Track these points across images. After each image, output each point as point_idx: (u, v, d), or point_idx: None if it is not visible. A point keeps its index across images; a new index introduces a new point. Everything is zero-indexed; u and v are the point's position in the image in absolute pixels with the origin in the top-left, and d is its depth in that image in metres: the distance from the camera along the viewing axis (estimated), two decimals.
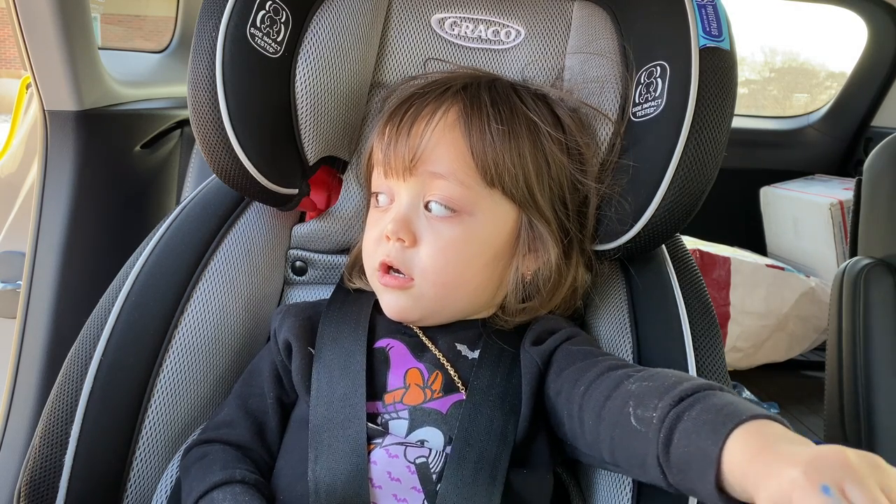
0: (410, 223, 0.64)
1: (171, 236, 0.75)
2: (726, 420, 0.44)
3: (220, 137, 0.69)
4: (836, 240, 1.93)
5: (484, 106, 0.66)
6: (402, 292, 0.65)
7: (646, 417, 0.49)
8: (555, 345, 0.65)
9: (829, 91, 2.63)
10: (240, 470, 0.61)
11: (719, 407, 0.46)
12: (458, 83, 0.69)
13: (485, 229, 0.65)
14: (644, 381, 0.53)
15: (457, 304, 0.67)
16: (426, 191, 0.65)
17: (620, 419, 0.52)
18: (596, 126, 0.74)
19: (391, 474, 0.58)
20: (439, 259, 0.64)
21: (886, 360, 1.14)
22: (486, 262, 0.66)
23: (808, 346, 1.97)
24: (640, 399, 0.51)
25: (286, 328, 0.68)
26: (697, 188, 0.68)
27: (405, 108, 0.67)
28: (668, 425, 0.47)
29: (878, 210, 1.25)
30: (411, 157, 0.64)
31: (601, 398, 0.55)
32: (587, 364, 0.60)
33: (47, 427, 0.64)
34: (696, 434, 0.45)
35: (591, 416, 0.56)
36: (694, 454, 0.45)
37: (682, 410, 0.47)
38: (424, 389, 0.64)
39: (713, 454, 0.43)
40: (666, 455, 0.47)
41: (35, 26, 1.00)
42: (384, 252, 0.65)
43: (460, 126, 0.65)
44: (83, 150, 1.11)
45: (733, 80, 0.70)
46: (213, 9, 0.70)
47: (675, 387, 0.49)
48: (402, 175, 0.65)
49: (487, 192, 0.65)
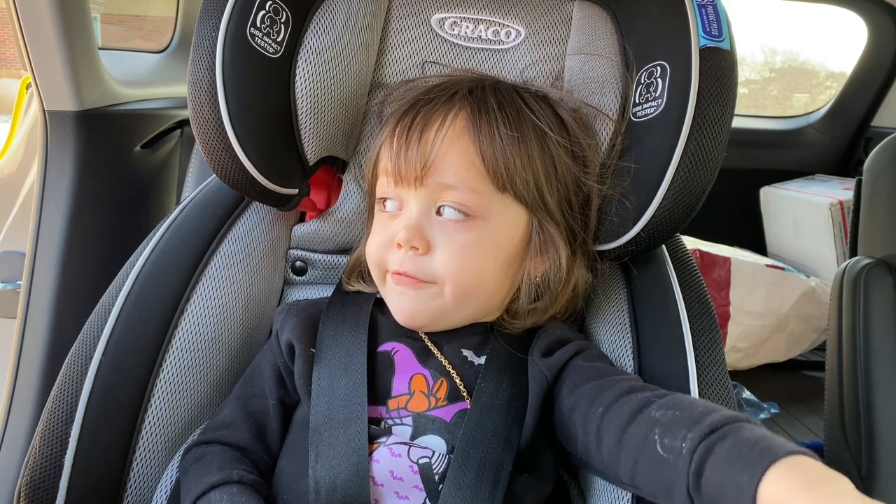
0: (423, 230, 0.63)
1: (171, 236, 0.75)
2: (763, 454, 0.44)
3: (220, 137, 0.69)
4: (836, 240, 1.93)
5: (492, 110, 0.65)
6: (416, 292, 0.64)
7: (674, 447, 0.49)
8: (565, 358, 0.64)
9: (829, 91, 2.63)
10: (237, 470, 0.61)
11: (753, 441, 0.46)
12: (463, 87, 0.68)
13: (497, 233, 0.65)
14: (669, 410, 0.52)
15: (469, 308, 0.67)
16: (439, 197, 0.64)
17: (646, 446, 0.51)
18: (596, 126, 0.74)
19: (394, 473, 0.58)
20: (455, 264, 0.63)
21: (886, 360, 1.14)
22: (499, 265, 0.66)
23: (808, 346, 1.98)
24: (667, 428, 0.51)
25: (288, 329, 0.68)
26: (698, 188, 0.68)
27: (412, 116, 0.66)
28: (700, 457, 0.47)
29: (878, 210, 1.25)
30: (422, 167, 0.63)
31: (622, 422, 0.54)
32: (604, 383, 0.60)
33: (47, 427, 0.64)
34: (730, 467, 0.45)
35: (612, 438, 0.55)
36: (727, 487, 0.45)
37: (713, 443, 0.47)
38: (429, 397, 0.64)
39: (749, 488, 0.43)
40: (697, 487, 0.47)
41: (35, 26, 1.00)
42: (397, 261, 0.64)
43: (469, 132, 0.64)
44: (83, 150, 1.11)
45: (733, 80, 0.70)
46: (213, 9, 0.70)
47: (704, 417, 0.49)
48: (413, 184, 0.64)
49: (499, 196, 0.65)
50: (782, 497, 0.42)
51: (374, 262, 0.68)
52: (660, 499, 0.52)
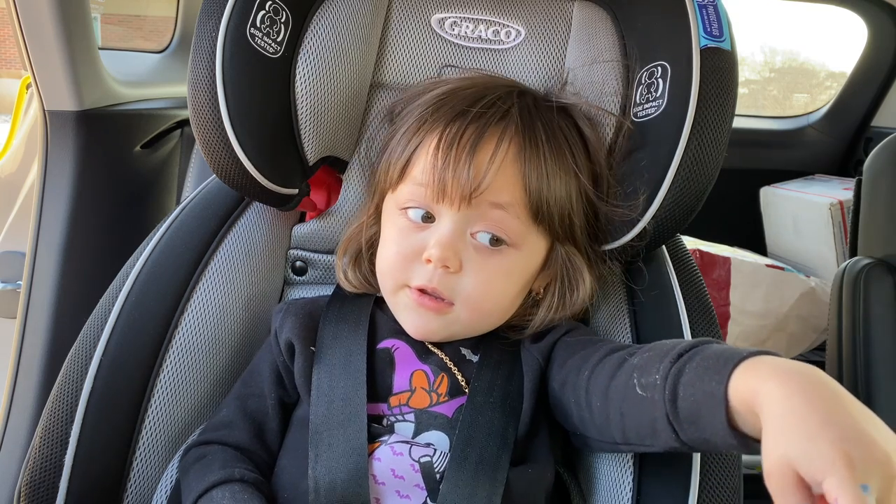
0: (457, 250, 0.62)
1: (172, 236, 0.75)
2: (727, 361, 0.45)
3: (220, 137, 0.69)
4: (836, 240, 1.93)
5: (540, 143, 0.64)
6: (435, 315, 0.64)
7: (649, 383, 0.51)
8: (554, 339, 0.66)
9: (829, 91, 2.63)
10: (239, 469, 0.61)
11: (718, 353, 0.47)
12: (512, 105, 0.66)
13: (524, 261, 0.66)
14: (645, 353, 0.54)
15: (481, 327, 0.67)
16: (478, 220, 0.63)
17: (627, 392, 0.53)
18: (597, 127, 0.74)
19: (395, 472, 0.58)
20: (482, 288, 0.63)
21: (886, 360, 1.14)
22: (518, 290, 0.67)
23: (808, 346, 1.97)
24: (643, 369, 0.52)
25: (288, 328, 0.68)
26: (698, 188, 0.68)
27: (460, 129, 0.63)
28: (672, 381, 0.48)
29: (878, 210, 1.25)
30: (472, 188, 0.61)
31: (606, 378, 0.56)
32: (589, 351, 0.61)
33: (47, 427, 0.64)
34: (700, 381, 0.46)
35: (599, 397, 0.56)
36: (701, 401, 0.46)
37: (682, 365, 0.49)
38: (430, 393, 0.64)
39: (719, 393, 0.44)
40: (675, 411, 0.48)
41: (35, 26, 1.00)
42: (424, 277, 0.63)
43: (519, 163, 0.63)
44: (83, 150, 1.11)
45: (734, 80, 0.70)
46: (213, 9, 0.70)
47: (674, 348, 0.51)
48: (457, 204, 0.62)
49: (534, 227, 0.65)
50: (753, 387, 0.42)
51: (389, 274, 0.66)
52: (649, 444, 0.53)
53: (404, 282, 0.65)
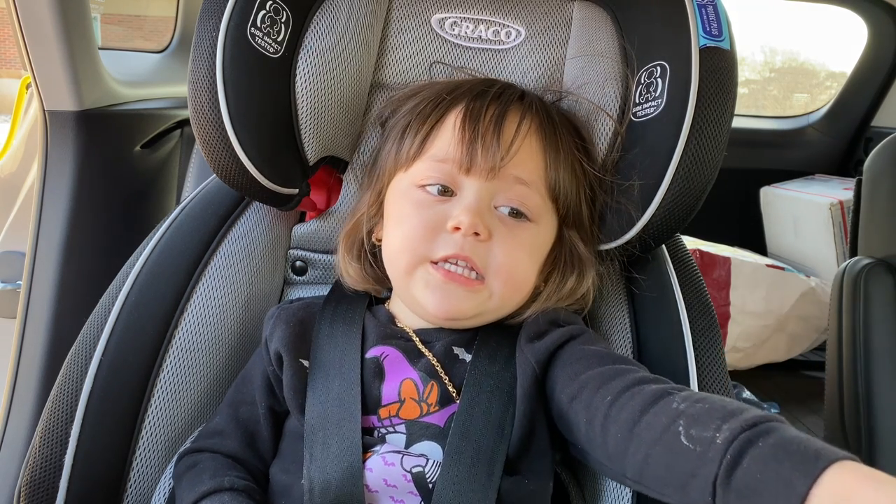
0: (485, 218, 0.62)
1: (171, 236, 0.75)
2: (818, 454, 0.42)
3: (220, 137, 0.69)
4: (836, 240, 1.93)
5: (556, 125, 0.68)
6: (466, 292, 0.62)
7: (704, 437, 0.47)
8: (555, 344, 0.62)
9: (829, 91, 2.63)
10: (229, 477, 0.61)
11: (802, 440, 0.44)
12: (525, 94, 0.70)
13: (542, 238, 0.67)
14: (697, 403, 0.50)
15: (505, 310, 0.66)
16: (501, 193, 0.64)
17: (665, 437, 0.49)
18: (597, 126, 0.74)
19: (387, 481, 0.58)
20: (513, 257, 0.63)
21: (886, 360, 1.14)
22: (537, 269, 0.67)
23: (808, 346, 1.98)
24: (695, 419, 0.49)
25: (277, 338, 0.66)
26: (698, 188, 0.68)
27: (483, 105, 0.65)
28: (738, 448, 0.45)
29: (878, 210, 1.25)
30: (502, 157, 0.63)
31: (635, 412, 0.52)
32: (610, 371, 0.57)
33: (47, 427, 0.64)
34: (776, 462, 0.43)
35: (621, 428, 0.53)
36: (768, 482, 0.43)
37: (754, 436, 0.45)
38: (420, 403, 0.62)
39: (801, 487, 0.41)
40: (728, 478, 0.45)
41: (35, 26, 1.00)
42: (452, 246, 0.61)
43: (540, 138, 0.66)
44: (83, 150, 1.11)
45: (733, 79, 0.70)
46: (213, 9, 0.70)
47: (740, 412, 0.48)
48: (486, 175, 0.63)
49: (550, 206, 0.67)
50: (848, 491, 0.40)
51: (408, 249, 0.64)
52: (667, 494, 0.50)
53: (426, 255, 0.62)
